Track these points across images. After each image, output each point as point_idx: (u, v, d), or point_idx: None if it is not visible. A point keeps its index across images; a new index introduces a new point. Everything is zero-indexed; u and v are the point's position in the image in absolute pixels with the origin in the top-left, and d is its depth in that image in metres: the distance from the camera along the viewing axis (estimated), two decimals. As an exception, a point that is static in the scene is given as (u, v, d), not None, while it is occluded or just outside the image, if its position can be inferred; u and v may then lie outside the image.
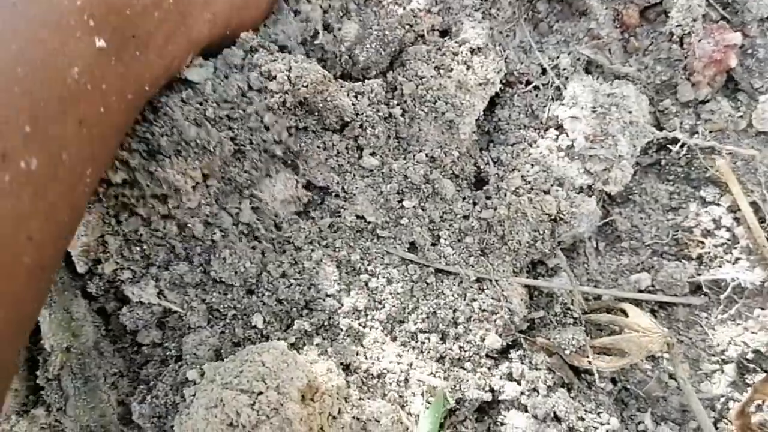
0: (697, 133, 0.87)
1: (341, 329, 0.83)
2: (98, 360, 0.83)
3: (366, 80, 0.88)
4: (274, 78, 0.79)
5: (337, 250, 0.86)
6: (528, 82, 0.91)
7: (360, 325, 0.84)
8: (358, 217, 0.86)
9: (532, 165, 0.88)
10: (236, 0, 0.81)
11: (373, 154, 0.87)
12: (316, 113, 0.84)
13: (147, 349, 0.85)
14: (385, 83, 0.88)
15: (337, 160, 0.86)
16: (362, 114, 0.85)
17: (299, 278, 0.83)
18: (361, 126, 0.85)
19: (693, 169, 0.88)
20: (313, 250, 0.85)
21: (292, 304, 0.82)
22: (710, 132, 0.87)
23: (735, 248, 0.86)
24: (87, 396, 0.83)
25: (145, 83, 0.71)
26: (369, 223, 0.86)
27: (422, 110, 0.87)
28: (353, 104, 0.85)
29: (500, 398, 0.84)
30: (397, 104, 0.87)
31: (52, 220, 0.60)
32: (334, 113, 0.83)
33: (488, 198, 0.88)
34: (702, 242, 0.87)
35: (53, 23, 0.58)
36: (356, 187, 0.86)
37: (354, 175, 0.87)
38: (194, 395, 0.75)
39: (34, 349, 0.85)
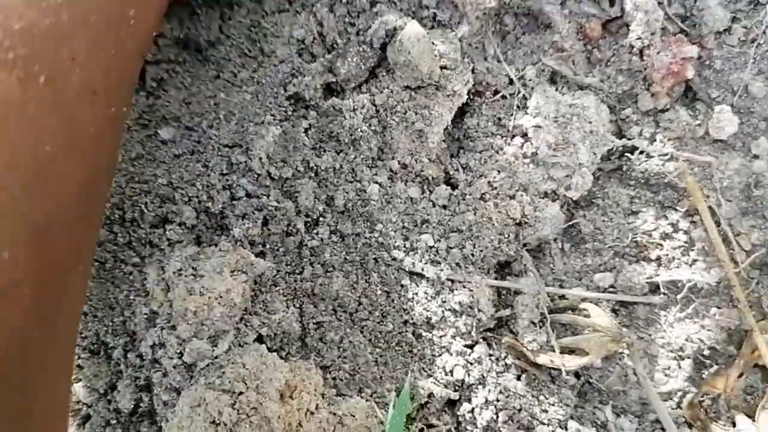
0: (656, 140, 0.91)
1: (319, 330, 0.88)
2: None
3: (346, 92, 0.93)
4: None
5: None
6: (496, 92, 0.95)
7: (337, 325, 0.89)
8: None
9: (499, 171, 0.92)
10: None
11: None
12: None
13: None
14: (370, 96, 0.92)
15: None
16: (358, 129, 0.90)
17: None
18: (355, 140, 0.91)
19: (652, 175, 0.91)
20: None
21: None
22: (669, 140, 0.91)
23: (692, 250, 0.90)
24: None
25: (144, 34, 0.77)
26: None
27: (393, 120, 0.91)
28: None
29: (469, 393, 0.90)
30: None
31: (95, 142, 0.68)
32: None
33: (457, 203, 0.93)
34: (660, 244, 0.91)
35: None
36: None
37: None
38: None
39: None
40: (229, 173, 0.91)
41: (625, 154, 0.92)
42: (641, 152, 0.91)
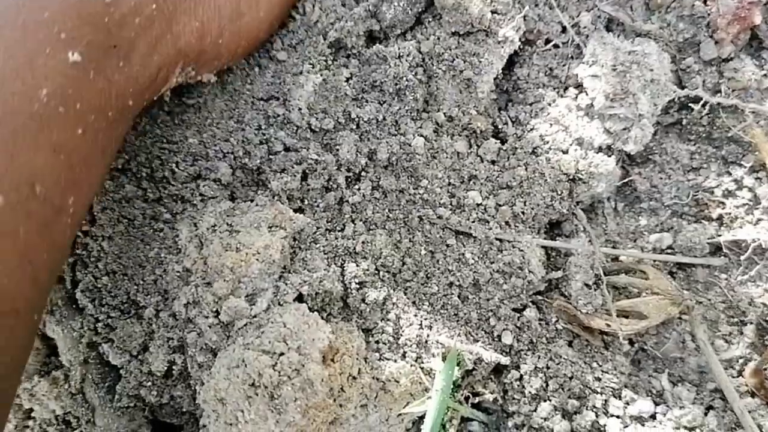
0: (719, 91, 0.86)
1: (361, 290, 0.83)
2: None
3: (391, 39, 0.88)
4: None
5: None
6: (548, 41, 0.90)
7: (380, 286, 0.84)
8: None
9: (551, 124, 0.87)
10: (225, 9, 0.75)
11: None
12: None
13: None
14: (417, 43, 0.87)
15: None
16: (403, 78, 0.84)
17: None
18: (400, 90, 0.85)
19: (715, 128, 0.86)
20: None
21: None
22: (733, 90, 0.86)
23: (756, 209, 0.85)
24: (113, 404, 0.83)
25: (128, 98, 0.64)
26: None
27: (440, 69, 0.86)
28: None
29: (517, 360, 0.85)
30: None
31: (25, 263, 0.53)
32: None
33: (506, 158, 0.88)
34: (723, 203, 0.86)
35: (17, 40, 0.51)
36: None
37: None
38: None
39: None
40: (266, 127, 0.86)
41: (686, 106, 0.87)
42: (704, 104, 0.85)
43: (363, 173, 0.86)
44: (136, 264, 0.84)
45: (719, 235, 0.86)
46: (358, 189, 0.85)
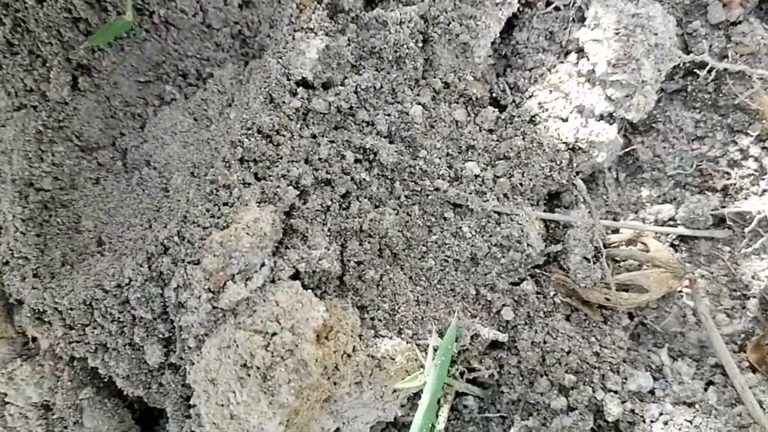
0: (727, 56, 0.83)
1: (359, 268, 0.80)
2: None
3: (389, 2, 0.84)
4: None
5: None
6: (548, 3, 0.87)
7: (378, 263, 0.81)
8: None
9: (551, 91, 0.84)
10: None
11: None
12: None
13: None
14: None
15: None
16: (404, 45, 0.80)
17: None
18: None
19: (721, 95, 0.83)
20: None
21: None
22: (741, 56, 0.83)
23: (762, 179, 0.82)
24: (101, 404, 0.81)
25: None
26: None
27: (435, 32, 0.82)
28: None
29: (514, 334, 0.83)
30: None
31: None
32: None
33: (504, 127, 0.84)
34: (728, 173, 0.83)
35: None
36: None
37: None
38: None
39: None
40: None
41: (692, 72, 0.84)
42: (710, 70, 0.82)
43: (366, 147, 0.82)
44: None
45: (723, 207, 0.84)
46: (362, 164, 0.82)
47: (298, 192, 0.78)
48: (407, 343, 0.79)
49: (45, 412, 0.82)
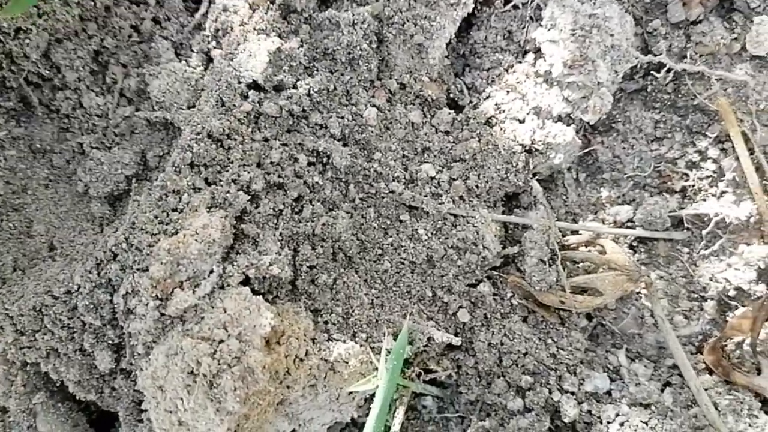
0: (686, 56, 0.81)
1: (312, 272, 0.80)
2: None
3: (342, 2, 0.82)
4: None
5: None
6: (507, 1, 0.85)
7: (331, 266, 0.81)
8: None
9: (507, 92, 0.83)
10: None
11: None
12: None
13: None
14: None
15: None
16: (357, 47, 0.79)
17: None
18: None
19: (680, 96, 0.82)
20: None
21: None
22: (701, 56, 0.81)
23: (721, 181, 0.81)
24: (54, 409, 0.81)
25: None
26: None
27: (390, 33, 0.81)
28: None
29: (471, 336, 0.83)
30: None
31: None
32: None
33: (460, 129, 0.84)
34: (686, 174, 0.82)
35: None
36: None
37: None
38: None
39: None
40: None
41: (651, 72, 0.82)
42: (668, 70, 0.81)
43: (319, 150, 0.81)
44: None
45: (682, 208, 0.83)
46: (315, 168, 0.81)
47: (250, 197, 0.77)
48: (361, 346, 0.79)
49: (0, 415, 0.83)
